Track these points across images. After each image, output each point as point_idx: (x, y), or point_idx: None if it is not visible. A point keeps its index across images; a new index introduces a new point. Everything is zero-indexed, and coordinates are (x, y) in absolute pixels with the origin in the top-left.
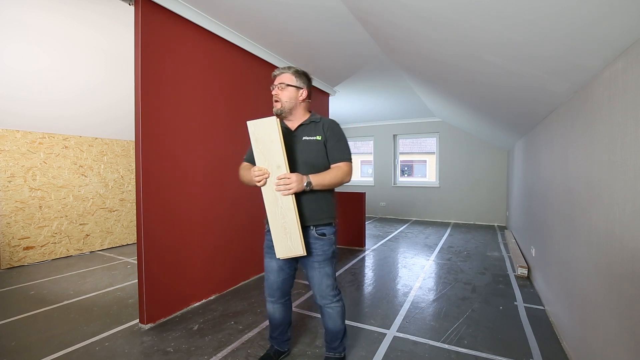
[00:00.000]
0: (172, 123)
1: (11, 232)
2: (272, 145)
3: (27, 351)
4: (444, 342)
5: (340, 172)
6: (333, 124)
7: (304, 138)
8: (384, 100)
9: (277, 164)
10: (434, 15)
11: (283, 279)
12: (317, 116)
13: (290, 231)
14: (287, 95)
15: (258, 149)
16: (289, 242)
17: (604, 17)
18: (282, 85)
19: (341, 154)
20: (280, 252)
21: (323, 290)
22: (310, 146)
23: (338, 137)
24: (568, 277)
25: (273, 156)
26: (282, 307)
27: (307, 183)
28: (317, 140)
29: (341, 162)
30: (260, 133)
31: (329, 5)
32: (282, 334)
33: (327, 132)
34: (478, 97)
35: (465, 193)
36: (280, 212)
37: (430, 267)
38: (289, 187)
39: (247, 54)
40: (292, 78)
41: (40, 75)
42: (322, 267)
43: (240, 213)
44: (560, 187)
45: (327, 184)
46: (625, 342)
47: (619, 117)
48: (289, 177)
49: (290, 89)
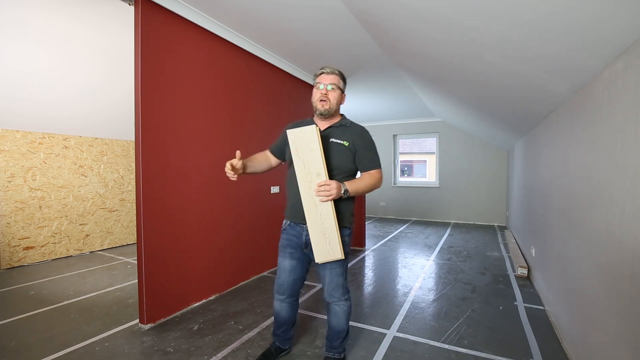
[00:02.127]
0: (172, 123)
1: (11, 232)
2: (312, 153)
3: (27, 351)
4: (444, 342)
5: (373, 180)
6: (364, 131)
7: (332, 140)
8: (384, 100)
9: (317, 171)
10: (434, 15)
11: (294, 279)
12: (347, 120)
13: (330, 236)
14: (335, 96)
15: (298, 157)
16: (328, 246)
17: (604, 17)
18: (334, 86)
19: (373, 162)
20: (320, 256)
21: (333, 289)
22: (337, 150)
23: (369, 145)
24: (568, 277)
25: (313, 164)
26: (289, 306)
27: (345, 190)
28: (345, 145)
29: (373, 170)
30: (300, 142)
31: (329, 5)
32: (285, 332)
33: (356, 139)
34: (478, 97)
35: (465, 193)
36: (319, 218)
37: (430, 267)
38: (329, 194)
39: (247, 54)
40: (340, 81)
41: (40, 75)
42: (335, 267)
43: (240, 213)
44: (560, 187)
45: (361, 191)
46: (625, 342)
47: (619, 117)
48: (329, 183)
49: (338, 92)
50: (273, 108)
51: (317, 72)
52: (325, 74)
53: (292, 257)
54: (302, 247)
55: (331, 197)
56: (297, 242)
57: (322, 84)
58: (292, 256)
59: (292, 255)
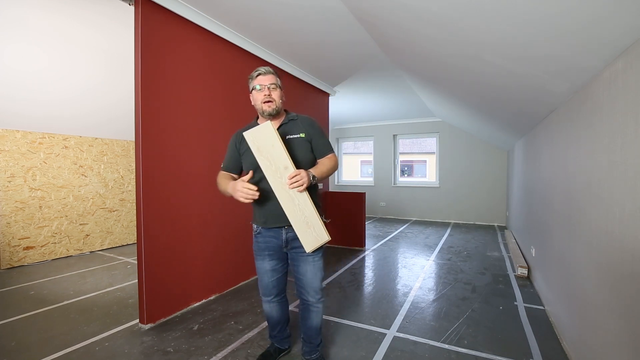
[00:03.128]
0: (172, 123)
1: (11, 232)
2: (274, 149)
3: (27, 351)
4: (444, 342)
5: (331, 163)
6: (312, 120)
7: (288, 137)
8: (384, 100)
9: (283, 165)
10: (434, 15)
11: (277, 278)
12: (292, 114)
13: (313, 223)
14: (278, 95)
15: (262, 156)
16: (314, 233)
17: (604, 17)
18: (274, 85)
19: (327, 148)
20: (309, 245)
21: (316, 284)
22: (296, 144)
23: (321, 132)
24: (568, 277)
25: (278, 159)
26: (278, 305)
27: (312, 176)
28: (301, 137)
29: (329, 153)
30: (260, 140)
31: (329, 5)
32: (281, 332)
33: (309, 129)
34: (478, 97)
35: (465, 193)
36: (299, 209)
37: (430, 267)
38: (302, 182)
39: (247, 54)
40: (277, 79)
41: (40, 75)
42: (316, 260)
43: (240, 213)
44: (561, 187)
45: (325, 174)
46: (625, 342)
47: (619, 117)
48: (300, 172)
49: (279, 90)
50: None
51: (251, 75)
52: (261, 75)
53: (272, 257)
54: (282, 247)
55: (304, 185)
56: (277, 242)
57: (261, 85)
58: (271, 257)
59: (272, 257)
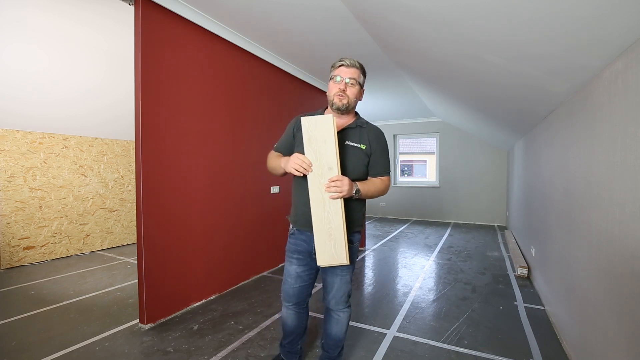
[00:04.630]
0: (172, 123)
1: (11, 232)
2: (326, 145)
3: (27, 351)
4: (444, 342)
5: (383, 186)
6: (380, 133)
7: (347, 142)
8: (384, 100)
9: (329, 165)
10: (434, 15)
11: (300, 286)
12: (363, 120)
13: (336, 237)
14: (354, 92)
15: (310, 148)
16: (333, 249)
17: (604, 17)
18: (353, 81)
19: (385, 169)
20: (323, 259)
21: (339, 296)
22: (352, 153)
23: (385, 149)
24: (568, 277)
25: (325, 157)
26: (296, 314)
27: (356, 190)
28: (361, 148)
29: (384, 176)
30: (314, 131)
31: (329, 5)
32: (291, 344)
33: (373, 142)
34: (478, 97)
35: (465, 193)
36: (327, 216)
37: (431, 267)
38: (340, 190)
39: (247, 54)
40: (360, 75)
41: (40, 75)
42: (345, 274)
43: (240, 213)
44: (560, 187)
45: (371, 194)
46: (625, 342)
47: (619, 117)
48: (342, 179)
49: (357, 87)
50: (273, 108)
51: (335, 63)
52: (345, 66)
53: (299, 263)
54: (311, 253)
55: (342, 194)
56: (307, 247)
57: (340, 77)
58: (299, 262)
59: (299, 262)
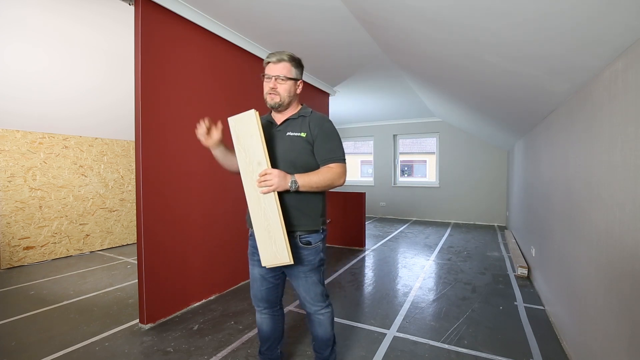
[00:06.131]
0: (172, 123)
1: (11, 232)
2: (252, 140)
3: (27, 351)
4: (444, 342)
5: (330, 174)
6: (322, 119)
7: (288, 134)
8: (384, 100)
9: (257, 160)
10: (434, 15)
11: (267, 288)
12: (307, 110)
13: (275, 236)
14: (285, 88)
15: (239, 145)
16: (274, 247)
17: (604, 17)
18: (283, 78)
19: (331, 154)
20: (265, 259)
21: (312, 298)
22: (293, 143)
23: (328, 135)
24: (568, 277)
25: (253, 152)
26: (270, 318)
27: (292, 182)
28: (301, 137)
29: (332, 162)
30: (240, 128)
31: (329, 5)
32: (270, 350)
33: (314, 129)
34: (478, 97)
35: (465, 193)
36: (263, 213)
37: (430, 267)
38: (270, 184)
39: (247, 54)
40: (291, 69)
41: (40, 75)
42: (309, 276)
43: (240, 213)
44: (561, 187)
45: (315, 185)
46: (625, 342)
47: (619, 117)
48: (270, 172)
49: (290, 82)
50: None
51: (264, 60)
52: (272, 63)
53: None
54: None
55: (272, 187)
56: None
57: (269, 75)
58: (260, 263)
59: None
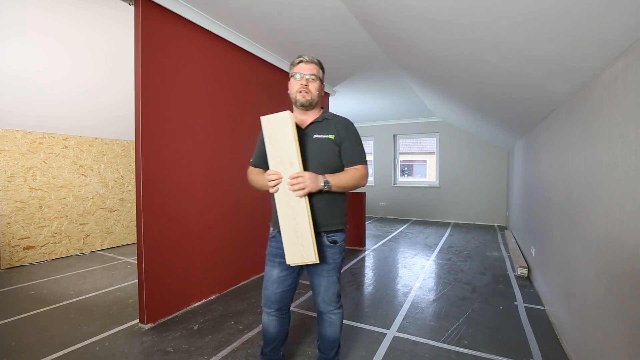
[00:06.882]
0: (172, 123)
1: (11, 232)
2: (285, 140)
3: (27, 351)
4: (444, 342)
5: (357, 174)
6: (348, 123)
7: (315, 136)
8: (384, 100)
9: (289, 160)
10: (435, 15)
11: (282, 291)
12: (329, 113)
13: (303, 235)
14: (315, 87)
15: (271, 145)
16: (301, 247)
17: (604, 17)
18: (314, 76)
19: (358, 156)
20: (291, 257)
21: (329, 297)
22: (322, 145)
23: (354, 138)
24: (568, 277)
25: (286, 153)
26: (278, 320)
27: (325, 182)
28: (330, 139)
29: (358, 164)
30: (274, 129)
31: (329, 5)
32: (274, 352)
33: (341, 131)
34: (478, 97)
35: (465, 193)
36: (292, 212)
37: (430, 267)
38: (302, 187)
39: (247, 54)
40: (319, 70)
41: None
42: (331, 275)
43: (240, 213)
44: (561, 187)
45: (344, 185)
46: (625, 342)
47: (619, 117)
48: (302, 175)
49: (318, 82)
50: (272, 107)
51: (293, 61)
52: (304, 62)
53: (282, 267)
54: None
55: (305, 190)
56: None
57: (300, 74)
58: (281, 266)
59: (282, 265)
